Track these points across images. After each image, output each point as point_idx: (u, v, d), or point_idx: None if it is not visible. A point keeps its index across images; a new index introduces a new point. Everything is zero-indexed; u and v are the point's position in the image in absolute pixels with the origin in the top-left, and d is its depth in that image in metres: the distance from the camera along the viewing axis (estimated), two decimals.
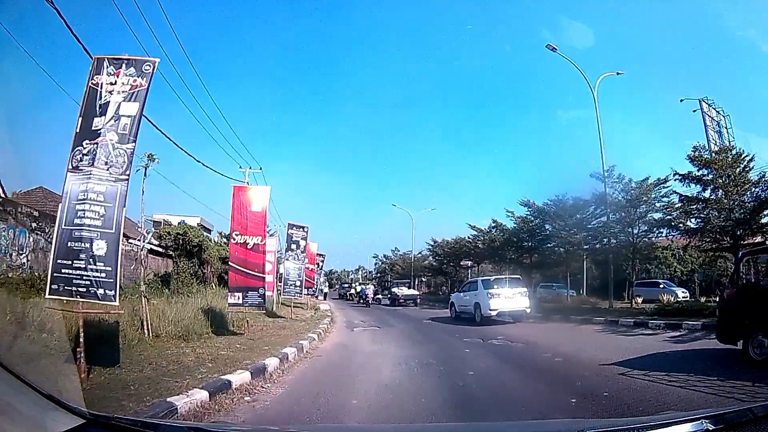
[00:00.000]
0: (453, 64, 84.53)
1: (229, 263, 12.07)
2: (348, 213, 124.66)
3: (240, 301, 11.70)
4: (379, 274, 73.45)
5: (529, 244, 29.41)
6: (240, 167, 31.19)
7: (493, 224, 32.09)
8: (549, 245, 28.78)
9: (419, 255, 52.59)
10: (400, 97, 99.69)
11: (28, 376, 1.59)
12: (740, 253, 11.40)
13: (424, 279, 53.50)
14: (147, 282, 22.86)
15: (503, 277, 19.83)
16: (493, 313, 15.99)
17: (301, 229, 18.50)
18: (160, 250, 26.34)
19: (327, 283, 67.03)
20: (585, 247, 26.38)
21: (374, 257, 73.81)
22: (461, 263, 41.85)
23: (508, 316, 16.67)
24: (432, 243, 44.21)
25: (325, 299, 41.87)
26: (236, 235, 12.02)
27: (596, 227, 24.71)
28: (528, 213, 28.79)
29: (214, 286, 27.53)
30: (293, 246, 18.15)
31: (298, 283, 18.04)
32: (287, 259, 17.99)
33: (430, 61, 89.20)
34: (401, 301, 32.01)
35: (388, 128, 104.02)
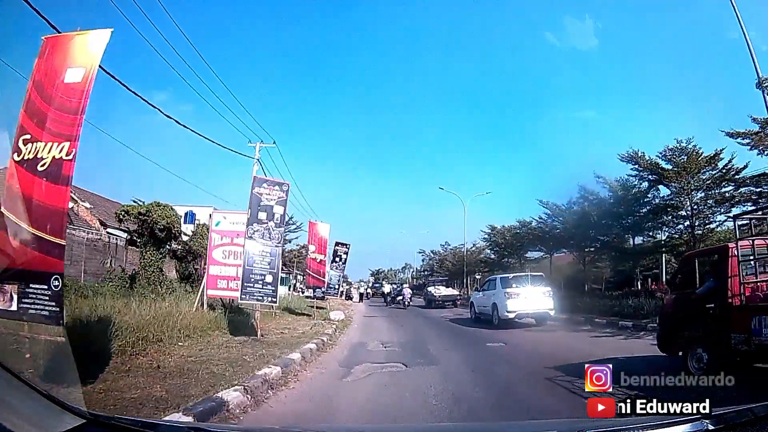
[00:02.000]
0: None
1: None
2: (392, 208, 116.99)
3: (12, 306, 4.15)
4: (426, 272, 64.53)
5: (637, 217, 20.28)
6: (249, 141, 24.74)
7: (578, 196, 23.02)
8: (667, 217, 19.64)
9: (473, 248, 43.75)
10: (441, 83, 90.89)
11: (28, 376, 1.81)
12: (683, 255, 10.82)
13: (478, 276, 44.50)
14: (110, 278, 17.55)
15: (524, 274, 17.04)
16: (511, 315, 14.38)
17: (277, 188, 10.76)
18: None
19: (376, 283, 59.11)
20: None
21: (420, 253, 64.09)
22: (527, 255, 32.88)
23: (532, 319, 14.74)
24: (489, 230, 35.43)
25: (360, 301, 34.25)
26: (24, 142, 4.50)
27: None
28: (634, 172, 19.75)
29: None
30: (261, 214, 10.46)
31: (269, 279, 10.32)
32: (250, 237, 10.32)
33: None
34: (438, 302, 28.51)
35: (431, 110, 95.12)
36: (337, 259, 22.35)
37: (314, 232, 17.02)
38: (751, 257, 6.02)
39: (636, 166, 19.40)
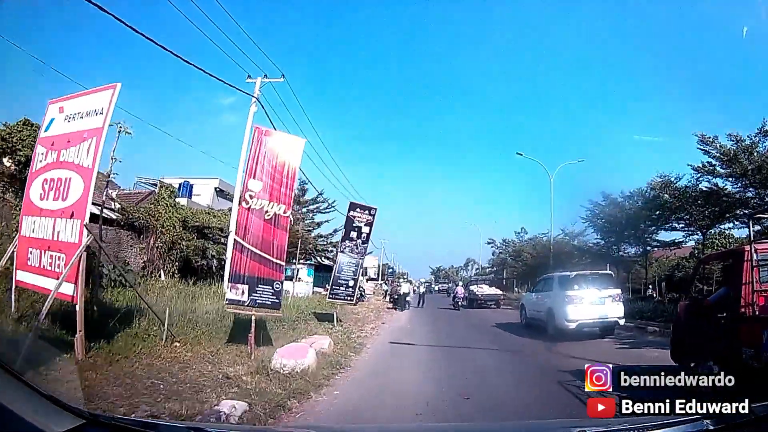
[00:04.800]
0: None
1: None
2: (456, 197, 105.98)
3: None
4: (495, 267, 53.11)
5: None
6: (248, 77, 18.20)
7: None
8: None
9: (561, 237, 32.36)
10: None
11: (27, 376, 1.66)
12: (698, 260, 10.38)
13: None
14: None
15: (588, 273, 13.46)
16: (572, 325, 11.69)
17: None
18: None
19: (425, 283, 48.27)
20: None
21: (489, 243, 52.38)
22: (656, 236, 21.80)
23: (596, 329, 12.09)
24: (592, 205, 24.30)
25: (400, 308, 23.62)
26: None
27: None
28: None
29: (162, 276, 16.72)
30: None
31: None
32: None
33: None
34: (481, 301, 27.58)
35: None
36: (353, 234, 13.21)
37: (262, 150, 7.73)
38: None
39: None
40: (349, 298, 13.15)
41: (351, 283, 13.04)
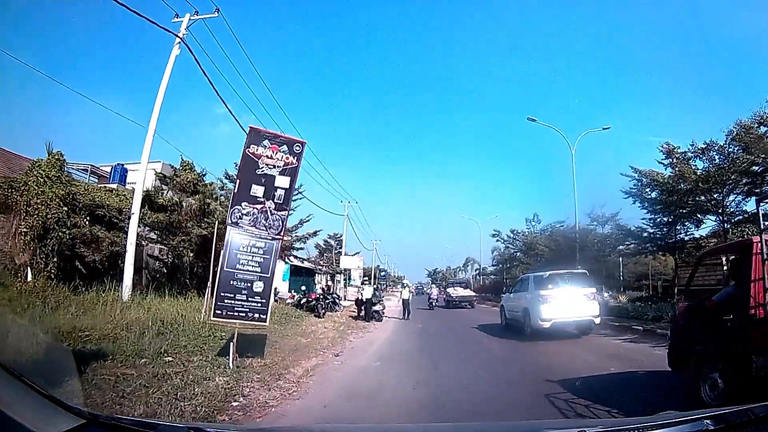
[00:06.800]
0: None
1: None
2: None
3: None
4: (500, 265, 46.39)
5: None
6: (176, 15, 15.04)
7: None
8: None
9: (587, 224, 26.34)
10: None
11: (27, 376, 1.52)
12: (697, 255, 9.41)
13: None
14: None
15: (562, 272, 13.39)
16: (546, 324, 11.95)
17: None
18: None
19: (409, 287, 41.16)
20: None
21: (494, 236, 45.33)
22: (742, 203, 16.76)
23: (573, 328, 12.54)
24: (661, 162, 18.12)
25: (376, 319, 17.44)
26: None
27: None
28: None
29: (30, 276, 12.19)
30: None
31: None
32: None
33: None
34: (456, 302, 30.14)
35: None
36: (257, 190, 7.30)
37: None
38: None
39: None
40: (257, 315, 6.95)
41: (258, 286, 6.91)
